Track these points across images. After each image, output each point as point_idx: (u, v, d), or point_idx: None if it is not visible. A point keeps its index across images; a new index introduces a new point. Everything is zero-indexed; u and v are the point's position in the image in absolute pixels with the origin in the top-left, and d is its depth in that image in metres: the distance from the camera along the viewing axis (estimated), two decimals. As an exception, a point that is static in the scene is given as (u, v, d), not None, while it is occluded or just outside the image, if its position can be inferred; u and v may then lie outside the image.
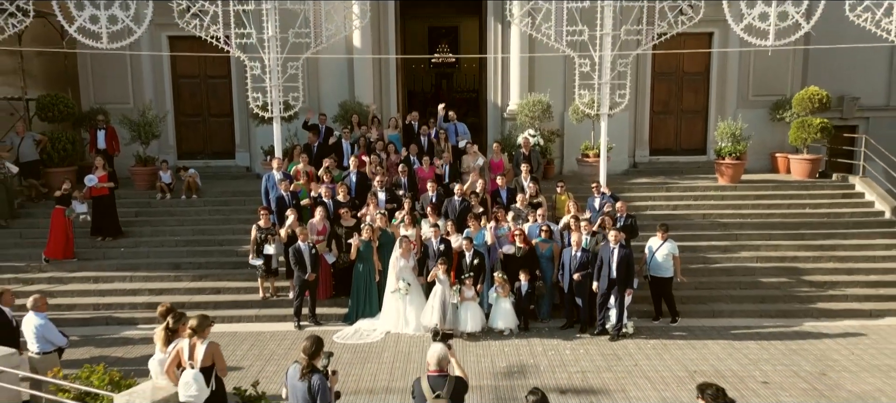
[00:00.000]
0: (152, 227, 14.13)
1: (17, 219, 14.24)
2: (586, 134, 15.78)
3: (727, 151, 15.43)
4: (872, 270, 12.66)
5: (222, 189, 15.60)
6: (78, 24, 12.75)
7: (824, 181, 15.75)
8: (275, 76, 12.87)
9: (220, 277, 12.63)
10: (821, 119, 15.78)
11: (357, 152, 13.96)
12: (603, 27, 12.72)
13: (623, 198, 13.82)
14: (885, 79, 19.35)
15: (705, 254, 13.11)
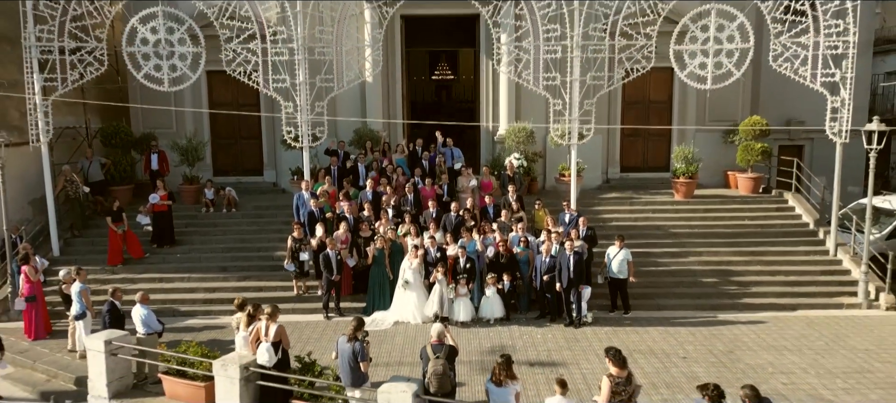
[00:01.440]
0: (201, 236, 17.04)
1: (88, 229, 17.13)
2: (563, 156, 18.60)
3: (681, 171, 18.34)
4: (792, 271, 15.54)
5: (256, 203, 18.46)
6: (144, 72, 15.67)
7: (764, 196, 18.64)
8: (304, 113, 15.76)
9: (260, 278, 15.51)
10: (762, 144, 18.65)
11: (372, 174, 16.85)
12: (572, 74, 15.60)
13: (594, 211, 16.86)
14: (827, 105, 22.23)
15: (657, 259, 15.99)
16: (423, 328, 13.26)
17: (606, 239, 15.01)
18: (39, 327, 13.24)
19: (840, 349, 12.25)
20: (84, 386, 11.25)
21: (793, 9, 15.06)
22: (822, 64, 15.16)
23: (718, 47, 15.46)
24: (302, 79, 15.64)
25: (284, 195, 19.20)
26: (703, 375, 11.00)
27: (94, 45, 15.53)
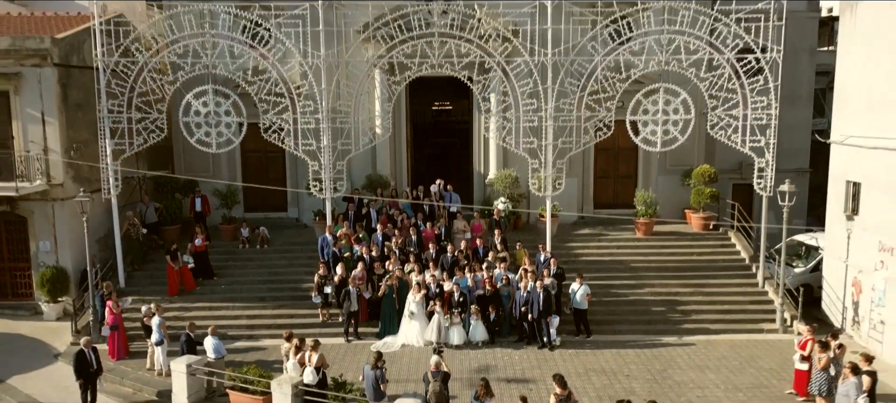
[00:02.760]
0: (240, 270, 20.49)
1: (145, 264, 20.57)
2: (544, 199, 22.04)
3: (642, 213, 21.80)
4: (726, 301, 18.98)
5: (284, 240, 21.90)
6: (196, 138, 19.14)
7: (712, 233, 22.08)
8: (327, 171, 19.21)
9: (291, 306, 18.94)
10: (711, 189, 22.10)
11: (381, 218, 20.30)
12: (546, 139, 19.06)
13: (568, 247, 20.36)
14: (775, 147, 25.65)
15: (617, 290, 19.43)
16: (425, 350, 16.70)
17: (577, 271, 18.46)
18: (121, 349, 16.71)
19: (750, 368, 15.72)
20: (164, 398, 14.76)
21: (726, 88, 18.51)
22: (750, 132, 18.59)
23: (665, 118, 18.91)
24: (325, 144, 19.10)
25: (307, 230, 22.60)
26: (639, 390, 14.45)
27: (156, 116, 19.00)
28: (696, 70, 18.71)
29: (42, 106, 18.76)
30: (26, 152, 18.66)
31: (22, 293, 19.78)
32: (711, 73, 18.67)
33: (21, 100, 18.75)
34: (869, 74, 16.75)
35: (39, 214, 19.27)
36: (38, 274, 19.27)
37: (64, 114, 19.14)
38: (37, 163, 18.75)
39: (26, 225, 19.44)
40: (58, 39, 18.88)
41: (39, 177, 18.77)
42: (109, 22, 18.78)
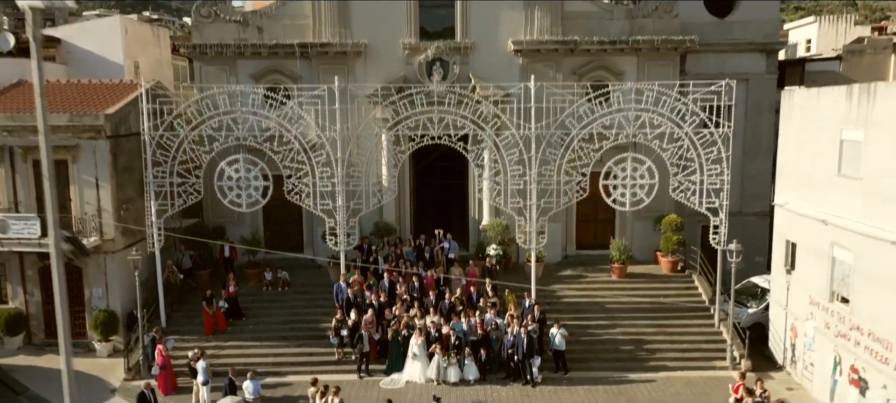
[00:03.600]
0: (265, 311, 23.50)
1: (182, 306, 23.60)
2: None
3: (616, 258, 24.80)
4: (686, 340, 21.98)
5: (303, 282, 24.89)
6: (229, 199, 22.17)
7: (678, 275, 25.07)
8: (342, 227, 22.24)
9: (310, 344, 21.94)
10: (678, 236, 25.09)
11: (386, 265, 23.32)
12: (530, 200, 22.08)
13: (551, 289, 23.32)
14: (739, 192, 28.55)
15: (593, 330, 22.42)
16: (426, 386, 19.72)
17: (560, 313, 21.47)
18: (169, 386, 19.74)
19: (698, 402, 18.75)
20: (210, 430, 17.80)
21: (685, 157, 21.52)
22: (706, 195, 21.60)
23: (633, 182, 21.94)
24: (340, 204, 22.13)
25: (322, 271, 25.54)
26: (604, 423, 17.49)
27: (194, 180, 22.04)
28: (660, 141, 21.72)
29: (96, 172, 21.80)
30: (83, 214, 21.68)
31: (77, 332, 22.73)
32: (673, 144, 21.67)
33: (78, 167, 21.79)
34: (801, 154, 19.73)
35: (93, 264, 22.30)
36: (92, 317, 22.32)
37: (114, 179, 22.17)
38: (91, 221, 21.78)
39: (81, 274, 22.47)
40: (110, 115, 21.90)
41: (94, 234, 21.81)
42: (155, 99, 21.78)
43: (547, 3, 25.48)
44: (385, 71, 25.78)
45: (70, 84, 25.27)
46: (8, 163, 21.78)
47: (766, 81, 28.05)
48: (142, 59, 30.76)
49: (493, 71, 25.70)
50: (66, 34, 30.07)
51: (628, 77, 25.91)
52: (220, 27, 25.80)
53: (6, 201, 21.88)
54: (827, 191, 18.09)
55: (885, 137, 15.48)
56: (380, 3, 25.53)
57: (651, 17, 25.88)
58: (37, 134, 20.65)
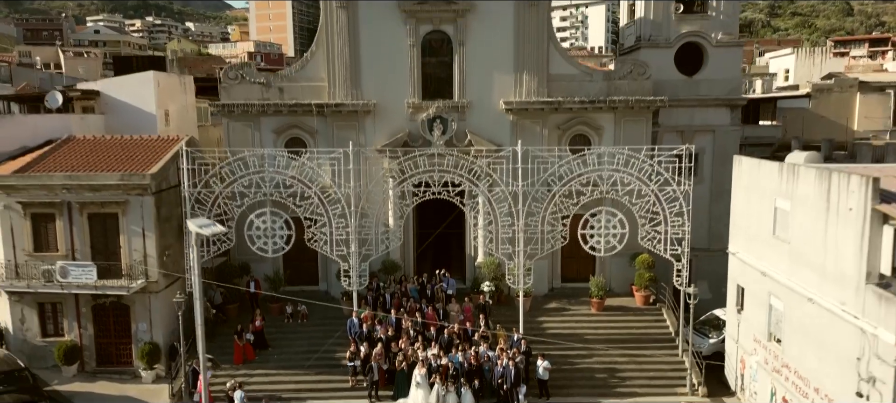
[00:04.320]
0: (287, 342, 26.88)
1: (215, 337, 26.97)
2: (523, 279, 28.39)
3: (594, 294, 28.18)
4: (652, 368, 25.33)
5: (319, 315, 28.19)
6: (257, 246, 25.58)
7: (650, 308, 28.44)
8: (354, 271, 25.63)
9: (327, 372, 25.29)
10: (650, 273, 28.46)
11: (394, 301, 26.69)
12: (518, 247, 25.46)
13: (538, 321, 26.64)
14: (707, 229, 31.89)
15: (572, 359, 25.76)
16: (428, 411, 23.12)
17: (545, 342, 24.80)
18: (209, 410, 23.11)
19: (658, 426, 22.13)
20: (247, 450, 21.19)
21: (651, 210, 24.91)
22: (670, 243, 24.98)
23: (607, 232, 25.34)
24: (353, 250, 25.54)
25: (336, 306, 28.87)
26: (577, 444, 20.86)
27: (227, 230, 25.44)
28: (630, 197, 25.12)
29: (143, 224, 25.19)
30: (132, 260, 25.09)
31: (124, 361, 26.19)
32: (641, 199, 25.06)
33: (127, 220, 25.20)
34: (748, 212, 23.09)
35: (139, 303, 25.71)
36: (138, 348, 25.73)
37: (158, 228, 25.56)
38: (138, 266, 25.18)
39: (129, 311, 25.88)
40: (154, 174, 25.29)
41: (141, 277, 25.21)
42: (193, 161, 25.17)
43: (534, 68, 28.88)
44: (391, 126, 29.22)
45: (114, 140, 28.62)
46: (66, 216, 25.17)
47: (730, 132, 31.45)
48: (171, 106, 34.26)
49: (486, 127, 29.16)
50: (105, 87, 33.54)
51: (607, 131, 29.36)
52: (245, 88, 29.22)
53: (64, 249, 25.27)
54: (766, 247, 21.46)
55: (805, 210, 18.85)
56: (386, 68, 28.94)
57: (626, 78, 29.27)
58: (91, 190, 24.20)
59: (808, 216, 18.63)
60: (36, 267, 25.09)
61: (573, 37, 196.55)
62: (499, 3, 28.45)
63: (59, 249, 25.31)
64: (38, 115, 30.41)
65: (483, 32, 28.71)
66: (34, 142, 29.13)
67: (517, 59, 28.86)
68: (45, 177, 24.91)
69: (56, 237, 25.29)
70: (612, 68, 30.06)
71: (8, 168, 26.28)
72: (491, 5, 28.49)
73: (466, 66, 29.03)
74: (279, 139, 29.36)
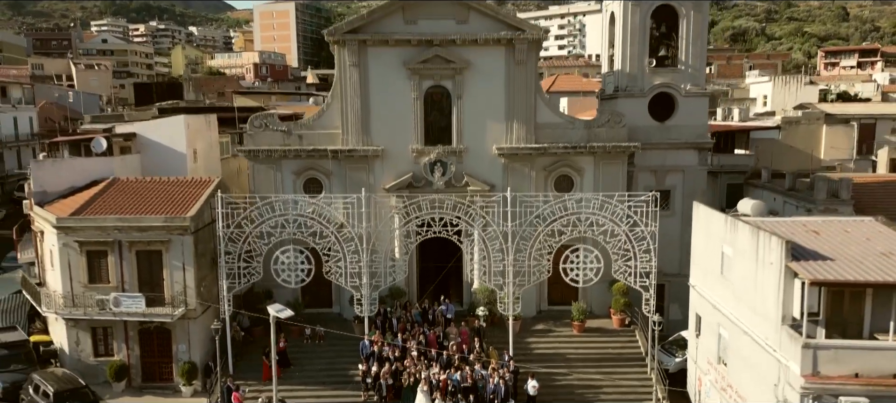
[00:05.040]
0: (307, 361, 30.78)
1: (243, 358, 30.88)
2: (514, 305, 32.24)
3: (575, 317, 32.11)
4: (625, 385, 29.22)
5: (333, 337, 32.06)
6: (282, 278, 29.54)
7: (626, 329, 32.32)
8: (366, 299, 29.55)
9: (341, 388, 29.17)
10: (625, 298, 32.36)
11: (400, 325, 30.62)
12: (507, 279, 29.39)
13: (526, 341, 30.57)
14: (678, 256, 35.65)
15: (556, 377, 29.64)
16: (430, 422, 27.02)
17: (533, 362, 28.64)
18: (242, 422, 27.08)
19: (626, 435, 26.04)
20: (277, 456, 25.10)
21: (622, 248, 28.81)
22: (639, 277, 28.88)
23: (585, 266, 29.26)
24: (365, 282, 29.47)
25: (348, 325, 32.74)
26: (555, 451, 24.76)
27: (256, 265, 29.37)
28: (604, 236, 29.03)
29: (183, 259, 29.12)
30: (173, 291, 29.04)
31: (166, 378, 30.11)
32: (614, 239, 28.96)
33: (169, 256, 29.12)
34: (704, 252, 26.94)
35: (179, 327, 29.64)
36: (178, 367, 29.65)
37: (195, 263, 29.48)
38: (179, 296, 29.11)
39: (170, 335, 29.80)
40: (193, 216, 29.20)
41: (181, 306, 29.13)
42: (226, 204, 29.06)
43: (522, 118, 32.80)
44: (397, 169, 33.16)
45: (153, 182, 32.50)
46: (117, 252, 29.09)
47: (698, 171, 35.33)
48: (198, 144, 38.20)
49: (481, 169, 33.10)
50: (141, 129, 37.47)
51: (587, 172, 33.30)
52: (269, 135, 33.15)
53: (115, 281, 29.20)
54: (716, 284, 25.36)
55: (742, 257, 22.74)
56: (393, 117, 32.86)
57: (604, 126, 33.17)
58: (139, 231, 28.12)
59: (745, 263, 22.52)
60: (90, 296, 29.02)
61: (571, 44, 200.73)
62: (491, 62, 32.38)
63: (111, 281, 29.23)
64: (85, 158, 34.31)
65: (478, 87, 32.63)
66: (81, 182, 33.08)
67: (508, 110, 32.79)
68: (100, 220, 28.83)
69: (108, 270, 29.21)
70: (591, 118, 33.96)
71: (64, 209, 30.23)
72: (485, 64, 32.41)
73: (463, 116, 32.94)
74: (298, 179, 33.30)
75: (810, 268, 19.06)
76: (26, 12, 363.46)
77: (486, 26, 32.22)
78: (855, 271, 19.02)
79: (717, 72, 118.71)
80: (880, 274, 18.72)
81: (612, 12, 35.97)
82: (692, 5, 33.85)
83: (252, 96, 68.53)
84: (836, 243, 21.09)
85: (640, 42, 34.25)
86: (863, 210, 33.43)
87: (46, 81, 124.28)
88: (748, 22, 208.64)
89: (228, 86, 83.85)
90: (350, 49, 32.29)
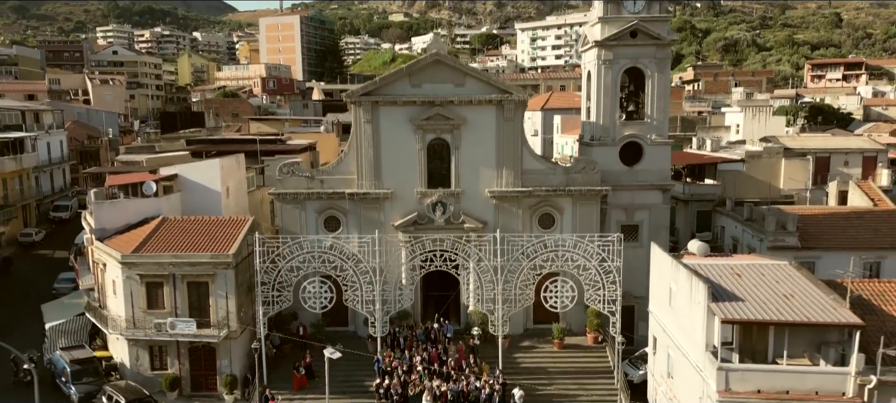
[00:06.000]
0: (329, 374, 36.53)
1: (277, 370, 36.61)
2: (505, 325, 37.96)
3: (556, 336, 37.88)
4: (596, 394, 34.96)
5: (348, 355, 37.81)
6: (308, 305, 35.34)
7: (598, 346, 38.09)
8: (379, 322, 35.32)
9: (358, 397, 34.94)
10: (598, 319, 38.12)
11: (407, 343, 36.38)
12: (497, 305, 35.15)
13: (514, 357, 36.38)
14: (645, 282, 41.10)
15: (538, 387, 35.34)
16: (432, 425, 32.78)
17: (519, 374, 34.38)
18: (278, 425, 32.86)
19: (593, 436, 31.81)
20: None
21: (593, 280, 34.56)
22: (607, 304, 34.64)
23: (561, 294, 35.02)
24: (378, 306, 35.25)
25: (362, 343, 38.43)
26: (535, 449, 30.54)
27: (287, 294, 35.14)
28: (578, 270, 34.79)
29: (226, 289, 34.87)
30: (218, 317, 34.80)
31: (211, 388, 35.87)
32: (585, 272, 34.72)
33: (214, 286, 34.89)
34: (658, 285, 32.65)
35: (223, 346, 35.41)
36: (222, 378, 35.41)
37: (236, 291, 35.25)
38: (223, 321, 34.87)
39: (215, 352, 35.57)
40: (234, 253, 34.97)
41: (225, 328, 34.90)
42: (264, 243, 34.81)
43: (511, 165, 38.55)
44: (405, 208, 38.93)
45: (197, 220, 38.25)
46: (171, 283, 34.86)
47: (662, 209, 41.04)
48: (230, 182, 43.94)
49: (476, 209, 38.87)
50: (182, 170, 43.15)
51: (567, 211, 39.08)
52: (295, 180, 38.93)
53: (169, 307, 34.97)
54: (666, 312, 31.09)
55: (681, 293, 28.46)
56: (401, 164, 38.62)
57: (581, 172, 38.93)
58: (190, 266, 33.91)
59: (683, 298, 28.28)
60: (149, 320, 34.81)
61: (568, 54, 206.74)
62: (484, 119, 38.15)
63: (165, 307, 35.01)
64: (138, 199, 39.95)
65: (473, 139, 38.39)
66: (135, 219, 38.84)
67: (498, 159, 38.56)
68: (157, 257, 34.61)
69: (164, 298, 35.00)
70: (570, 165, 39.71)
71: (123, 245, 35.98)
72: (478, 120, 38.18)
73: (460, 163, 38.71)
74: (320, 217, 39.09)
75: (725, 309, 24.82)
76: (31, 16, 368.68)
77: (480, 89, 38.05)
78: (760, 311, 24.78)
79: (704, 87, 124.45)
80: (778, 314, 24.48)
81: (589, 71, 41.70)
82: (656, 67, 39.59)
83: (267, 122, 74.23)
84: (751, 285, 26.84)
85: (612, 98, 39.99)
86: (808, 239, 39.49)
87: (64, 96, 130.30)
88: (740, 32, 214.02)
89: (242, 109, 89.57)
90: (364, 108, 38.09)
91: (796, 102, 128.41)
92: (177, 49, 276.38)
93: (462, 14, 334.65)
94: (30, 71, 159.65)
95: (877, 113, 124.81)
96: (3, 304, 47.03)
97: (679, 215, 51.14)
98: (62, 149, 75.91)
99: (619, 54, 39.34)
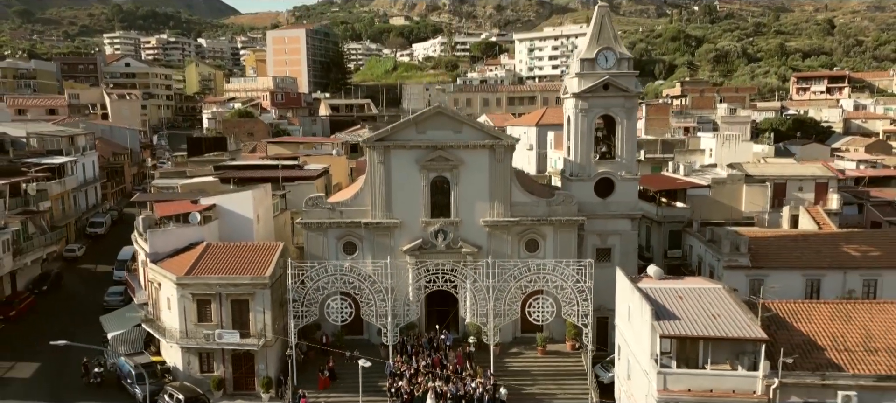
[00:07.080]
0: (348, 375, 43.42)
1: (304, 372, 43.56)
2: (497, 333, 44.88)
3: (539, 344, 44.85)
4: (571, 393, 41.87)
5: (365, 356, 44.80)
6: (331, 318, 42.36)
7: (574, 352, 44.99)
8: (390, 333, 42.30)
9: (374, 395, 41.83)
10: (575, 329, 45.06)
11: (412, 350, 43.34)
12: (489, 319, 42.12)
13: (505, 362, 43.40)
14: (620, 298, 48.35)
15: (524, 388, 42.27)
16: (435, 418, 39.75)
17: (508, 376, 41.36)
18: (308, 418, 39.84)
19: (567, 427, 38.80)
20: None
21: (570, 298, 41.51)
22: (581, 316, 41.59)
23: (543, 310, 42.00)
24: (390, 319, 42.23)
25: (375, 350, 45.34)
26: (519, 437, 37.49)
27: (313, 309, 42.12)
28: (557, 290, 41.77)
29: (263, 305, 41.83)
30: (257, 329, 41.77)
31: (250, 387, 42.82)
32: (563, 291, 41.68)
33: (254, 303, 41.86)
34: (621, 301, 39.55)
35: (260, 353, 42.38)
36: (259, 380, 42.39)
37: (271, 307, 42.20)
38: (261, 332, 41.84)
39: (254, 357, 42.55)
40: (270, 275, 41.94)
41: (262, 338, 41.88)
42: (294, 267, 41.77)
43: (501, 198, 45.52)
44: (411, 235, 45.91)
45: (237, 247, 45.19)
46: (217, 300, 41.83)
47: (631, 235, 47.96)
48: (260, 209, 50.95)
49: (472, 235, 45.84)
50: (220, 200, 50.14)
51: (549, 237, 46.05)
52: (318, 212, 45.91)
53: (216, 321, 41.94)
54: (627, 326, 38.03)
55: (636, 312, 35.37)
56: (408, 198, 45.56)
57: (561, 204, 45.91)
58: (233, 286, 40.95)
59: (637, 315, 35.24)
60: (199, 331, 41.79)
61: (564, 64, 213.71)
62: (478, 160, 45.12)
63: (213, 321, 42.00)
64: (184, 227, 46.94)
65: (469, 177, 45.36)
66: (182, 245, 45.82)
67: (491, 193, 45.53)
68: (207, 278, 41.61)
69: (211, 313, 41.97)
70: (552, 197, 46.70)
71: (175, 267, 42.94)
72: (474, 161, 45.16)
73: (459, 197, 45.69)
74: (339, 243, 46.05)
75: (665, 325, 31.79)
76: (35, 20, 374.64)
77: (475, 136, 45.07)
78: (691, 327, 31.74)
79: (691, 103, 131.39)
80: (705, 330, 31.44)
81: (568, 116, 48.66)
82: (625, 115, 46.54)
83: (283, 145, 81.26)
84: (689, 306, 33.80)
85: (587, 141, 46.95)
86: (758, 260, 46.38)
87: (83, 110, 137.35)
88: (731, 43, 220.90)
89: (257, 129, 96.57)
90: (378, 151, 45.09)
91: (781, 115, 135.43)
92: (182, 55, 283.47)
93: (462, 17, 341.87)
94: (48, 85, 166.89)
95: (856, 126, 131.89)
96: (60, 315, 53.94)
97: (653, 234, 58.16)
98: (94, 168, 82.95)
99: (593, 104, 46.31)
